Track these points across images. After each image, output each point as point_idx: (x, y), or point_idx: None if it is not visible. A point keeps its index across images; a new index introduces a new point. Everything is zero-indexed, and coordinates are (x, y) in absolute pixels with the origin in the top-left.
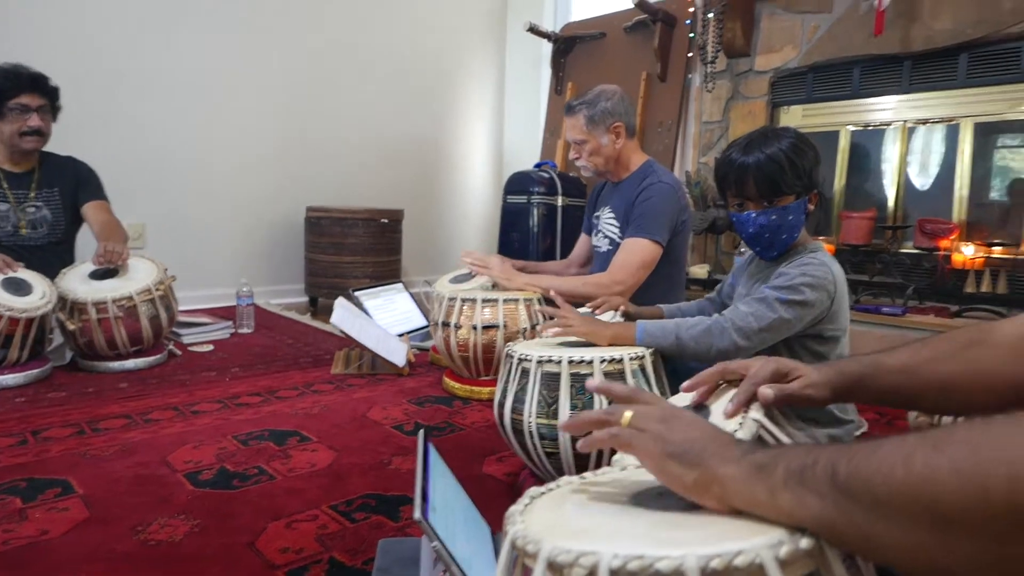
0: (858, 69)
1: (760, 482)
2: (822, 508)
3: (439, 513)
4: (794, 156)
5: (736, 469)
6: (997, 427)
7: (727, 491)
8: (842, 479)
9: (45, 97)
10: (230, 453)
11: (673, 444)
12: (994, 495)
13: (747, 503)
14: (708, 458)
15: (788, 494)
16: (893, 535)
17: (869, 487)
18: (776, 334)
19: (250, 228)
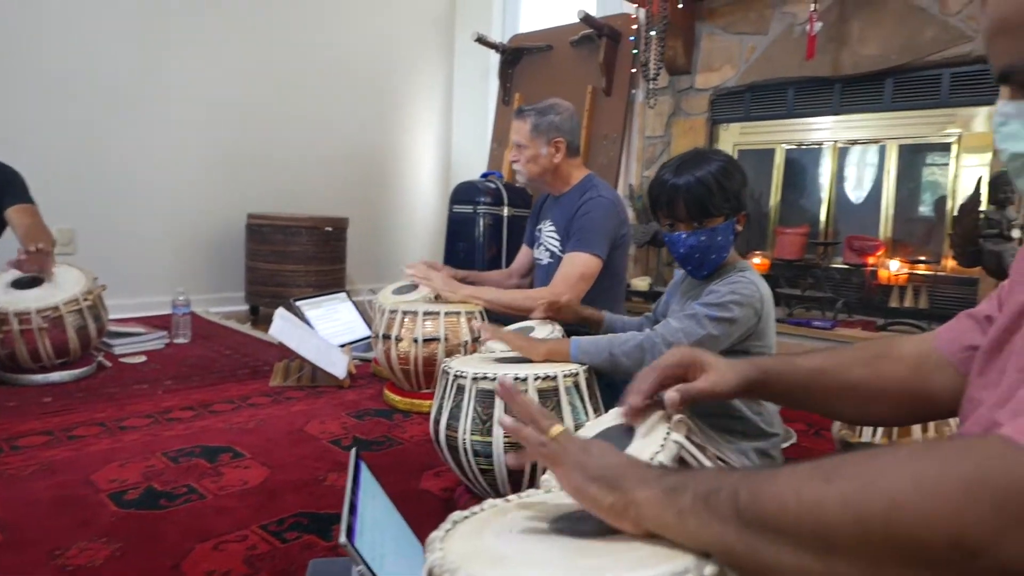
0: (792, 90)
1: (670, 506)
2: (724, 533)
3: (366, 535)
4: (722, 179)
5: (650, 492)
6: (880, 460)
7: (641, 514)
8: (742, 506)
9: None
10: (158, 471)
11: (593, 467)
12: (872, 525)
13: (658, 526)
14: (625, 481)
15: (694, 518)
16: (786, 561)
17: (765, 515)
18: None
19: (188, 234)
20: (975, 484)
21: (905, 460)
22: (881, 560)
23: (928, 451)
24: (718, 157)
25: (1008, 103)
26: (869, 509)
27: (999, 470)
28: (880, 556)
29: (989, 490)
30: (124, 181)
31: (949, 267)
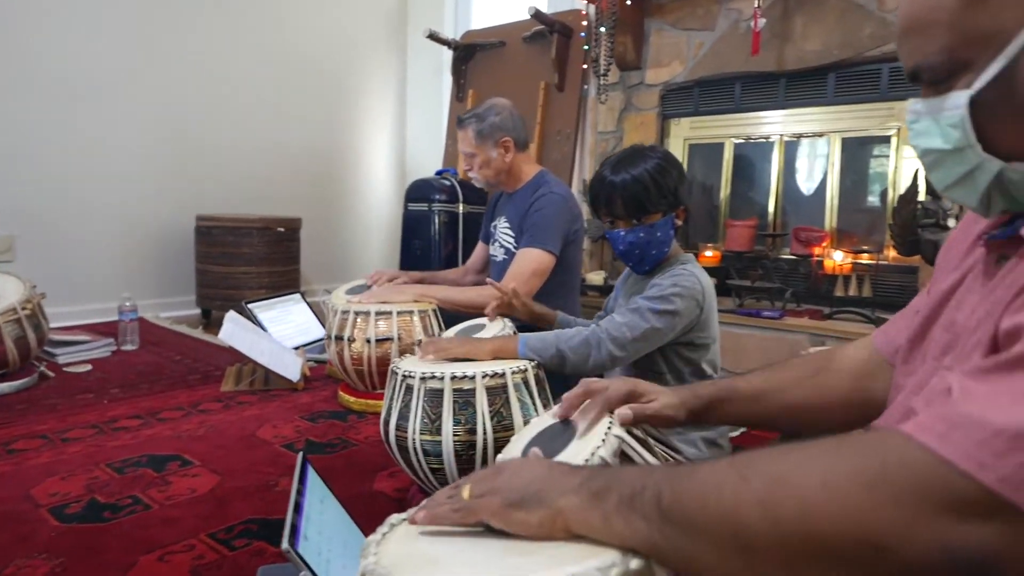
0: (739, 85)
1: (595, 509)
2: (649, 532)
3: (312, 540)
4: (658, 176)
5: (574, 499)
6: (792, 458)
7: (570, 521)
8: (665, 505)
9: None
10: (103, 483)
11: (511, 492)
12: (787, 527)
13: (586, 529)
14: (546, 495)
15: (620, 519)
16: (708, 558)
17: (686, 513)
18: (649, 343)
19: (135, 238)
20: (878, 482)
21: (815, 458)
22: (796, 559)
23: (836, 449)
24: (654, 154)
25: (918, 101)
26: (783, 511)
27: (899, 468)
28: (795, 555)
29: (890, 488)
30: (65, 183)
31: (891, 256)
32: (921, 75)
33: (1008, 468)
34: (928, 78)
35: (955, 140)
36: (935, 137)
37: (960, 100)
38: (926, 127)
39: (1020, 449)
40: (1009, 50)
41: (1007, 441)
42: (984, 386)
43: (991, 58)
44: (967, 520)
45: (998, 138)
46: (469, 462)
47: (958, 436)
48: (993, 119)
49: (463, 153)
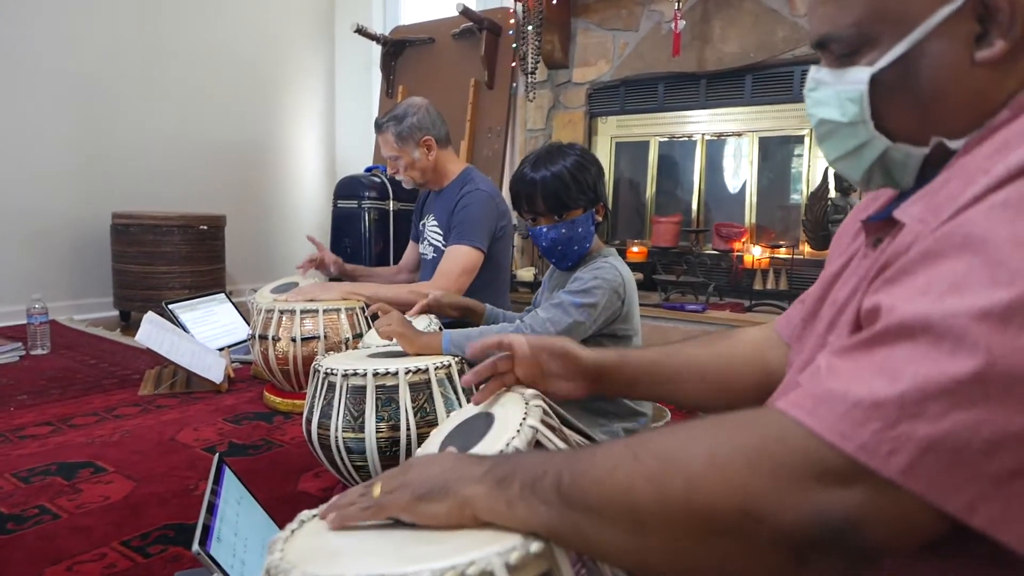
0: (662, 85)
1: (500, 496)
2: (549, 515)
3: (225, 542)
4: (577, 172)
5: (479, 487)
6: (680, 436)
7: (476, 509)
8: (565, 488)
9: None
10: (7, 493)
11: (417, 486)
12: (674, 503)
13: (492, 516)
14: (452, 485)
15: (523, 504)
16: (605, 537)
17: (585, 495)
18: (572, 336)
19: (45, 236)
20: (757, 456)
21: (701, 436)
22: (684, 533)
23: (720, 426)
24: (572, 151)
25: (821, 69)
26: (671, 487)
27: (775, 442)
28: (683, 530)
29: (768, 461)
30: None
31: (806, 251)
32: (828, 44)
33: (865, 436)
34: (835, 49)
35: (852, 114)
36: (833, 108)
37: (862, 76)
38: (825, 97)
39: (875, 418)
40: (913, 35)
41: (864, 411)
42: (846, 363)
43: (896, 40)
44: (833, 487)
45: (889, 117)
46: (393, 458)
47: (823, 410)
48: (888, 99)
49: (387, 157)
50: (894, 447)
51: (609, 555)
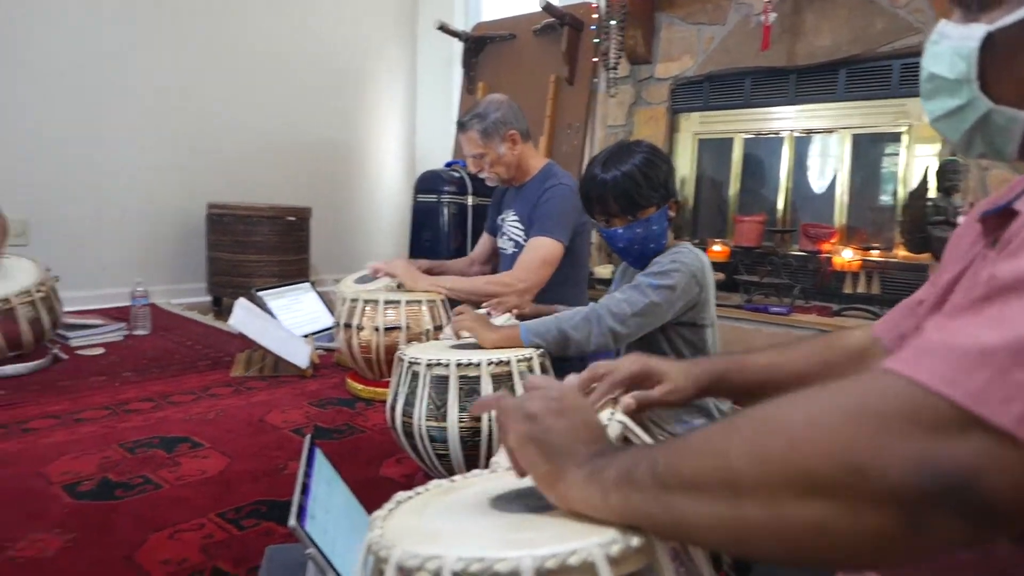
0: (749, 80)
1: (594, 485)
2: (643, 502)
3: (318, 519)
4: (647, 169)
5: (578, 473)
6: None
7: (569, 493)
8: (659, 470)
9: None
10: (114, 462)
11: (539, 428)
12: (773, 464)
13: (584, 506)
14: (561, 455)
15: (617, 494)
16: (702, 515)
17: (679, 472)
18: (650, 319)
19: (147, 225)
20: (859, 411)
21: (799, 400)
22: (783, 496)
23: (821, 391)
24: (640, 149)
25: (949, 24)
26: (769, 448)
27: (878, 396)
28: (781, 492)
29: (871, 415)
30: (80, 170)
31: (900, 254)
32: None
33: (975, 384)
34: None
35: (959, 71)
36: (944, 64)
37: (978, 32)
38: (942, 51)
39: (986, 366)
40: None
41: (973, 360)
42: (956, 321)
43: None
44: (943, 437)
45: (997, 81)
46: (475, 448)
47: (927, 361)
48: (1000, 61)
49: (470, 156)
50: (1008, 395)
51: (704, 532)
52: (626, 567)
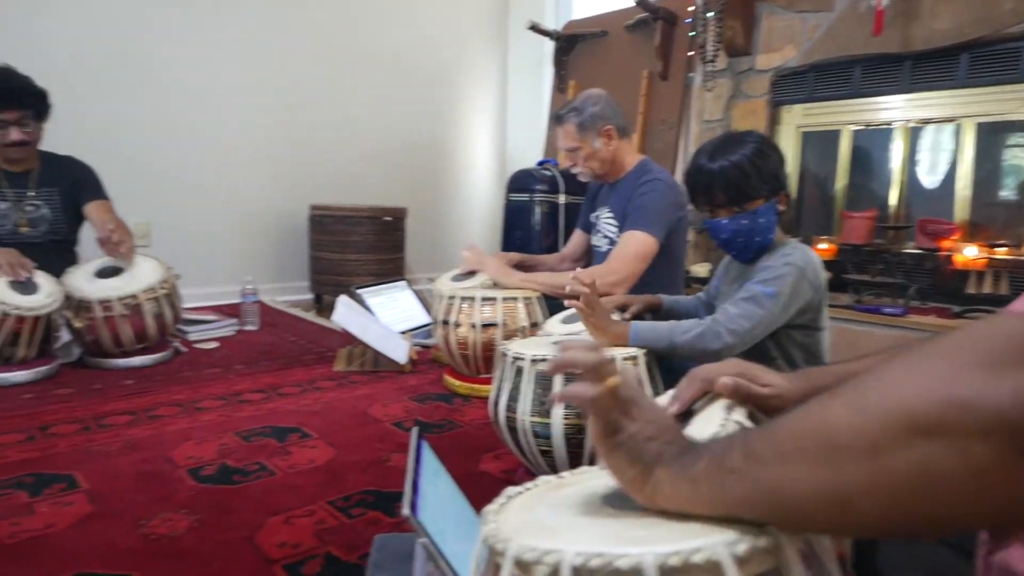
0: (859, 68)
1: (683, 476)
2: (737, 485)
3: (429, 510)
4: (757, 160)
5: (667, 470)
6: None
7: (656, 493)
8: (752, 448)
9: (25, 108)
10: (232, 449)
11: (625, 434)
12: (870, 412)
13: (673, 502)
14: (648, 457)
15: (707, 482)
16: (801, 484)
17: (775, 442)
18: (767, 329)
19: (255, 226)
20: (957, 350)
21: (899, 357)
22: (886, 444)
23: (920, 344)
24: (751, 138)
25: None
26: (866, 401)
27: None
28: (883, 440)
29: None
30: (195, 177)
31: None
32: None
33: None
34: None
35: None
36: None
37: None
38: None
39: None
40: None
41: None
42: None
43: None
44: None
45: None
46: (579, 446)
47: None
48: None
49: (565, 150)
50: None
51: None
52: (753, 568)
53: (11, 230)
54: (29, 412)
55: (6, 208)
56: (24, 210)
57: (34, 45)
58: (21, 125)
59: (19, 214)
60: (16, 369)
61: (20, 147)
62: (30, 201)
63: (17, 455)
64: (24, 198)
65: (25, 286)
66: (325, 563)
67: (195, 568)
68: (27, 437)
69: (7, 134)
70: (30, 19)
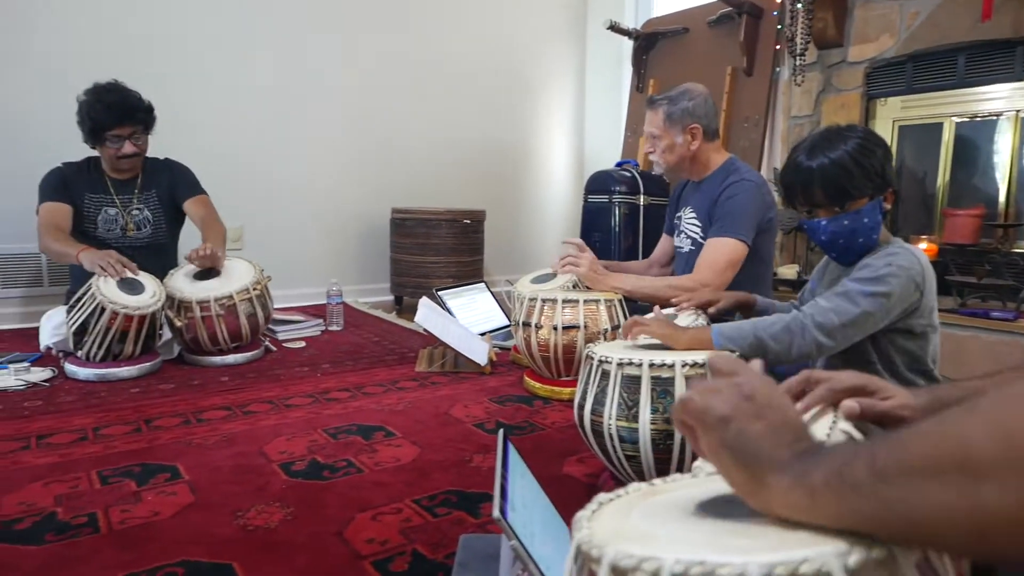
0: (963, 57)
1: (800, 490)
2: (861, 501)
3: (518, 512)
4: (861, 157)
5: (781, 479)
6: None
7: (772, 500)
8: (880, 465)
9: (136, 123)
10: (320, 446)
11: (732, 434)
12: (1016, 429)
13: (790, 510)
14: (759, 461)
15: (828, 494)
16: (931, 505)
17: (904, 460)
18: (860, 330)
19: (339, 229)
20: None
21: None
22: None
23: None
24: (853, 134)
25: None
26: (1014, 425)
27: None
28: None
29: None
30: (283, 182)
31: None
32: None
33: None
34: None
35: None
36: None
37: None
38: None
39: None
40: None
41: None
42: None
43: None
44: None
45: None
46: (667, 451)
47: None
48: None
49: (647, 134)
50: None
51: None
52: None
53: (119, 234)
54: (135, 405)
55: (115, 213)
56: (131, 214)
57: (136, 52)
58: (133, 139)
59: (127, 218)
60: (123, 365)
61: (131, 159)
62: (135, 206)
63: (125, 446)
64: (131, 203)
65: (132, 287)
66: (412, 560)
67: (289, 559)
68: (134, 429)
69: (121, 148)
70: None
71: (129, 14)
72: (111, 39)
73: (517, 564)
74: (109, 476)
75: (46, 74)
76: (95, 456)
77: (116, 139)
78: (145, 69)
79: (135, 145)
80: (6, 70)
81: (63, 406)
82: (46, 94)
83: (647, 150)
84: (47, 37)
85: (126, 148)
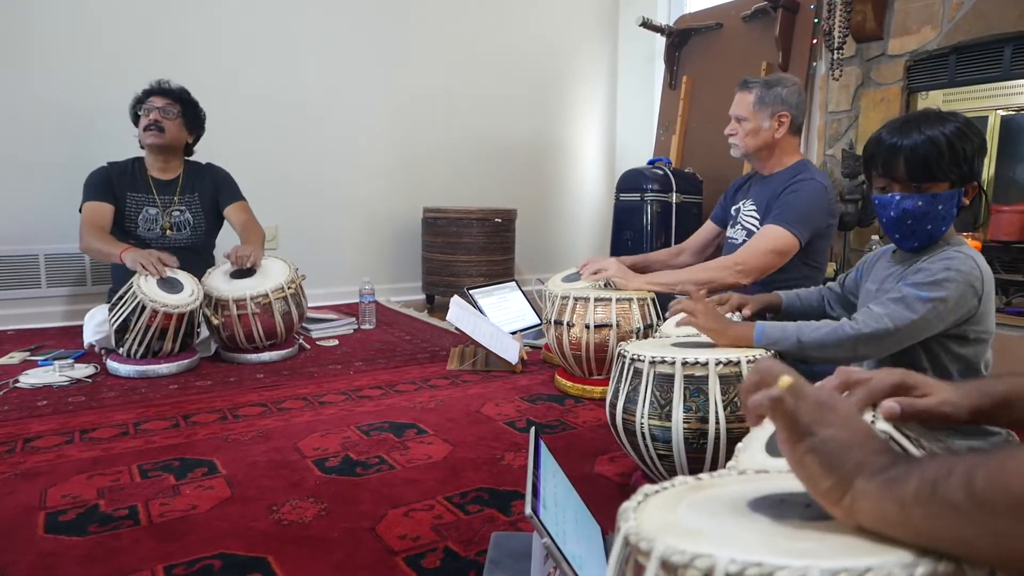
0: (1010, 48)
1: (890, 497)
2: (956, 521)
3: (550, 510)
4: (956, 140)
5: (870, 484)
6: None
7: (857, 506)
8: (979, 488)
9: (171, 99)
10: (353, 442)
11: (819, 439)
12: None
13: (876, 520)
14: (848, 467)
15: (919, 508)
16: None
17: (1008, 490)
18: (912, 338)
19: (371, 229)
20: None
21: None
22: None
23: None
24: (954, 118)
25: None
26: None
27: None
28: None
29: None
30: (316, 183)
31: None
32: None
33: None
34: None
35: None
36: None
37: None
38: None
39: None
40: None
41: None
42: None
43: None
44: None
45: None
46: (700, 451)
47: None
48: None
49: (733, 115)
50: None
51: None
52: None
53: (159, 234)
54: (174, 401)
55: (155, 213)
56: (171, 215)
57: (177, 56)
58: (163, 111)
59: (166, 219)
60: (163, 362)
61: (154, 131)
62: (176, 207)
63: (164, 441)
64: (171, 204)
65: (172, 285)
66: (444, 557)
67: (323, 554)
68: (172, 424)
69: (150, 115)
70: (168, 29)
71: (170, 18)
72: (157, 45)
73: (549, 562)
74: (149, 470)
75: (99, 78)
76: (136, 450)
77: (148, 110)
78: (185, 72)
79: (162, 116)
80: (64, 77)
81: (105, 401)
82: (97, 99)
83: (729, 131)
84: (100, 42)
85: (152, 115)
